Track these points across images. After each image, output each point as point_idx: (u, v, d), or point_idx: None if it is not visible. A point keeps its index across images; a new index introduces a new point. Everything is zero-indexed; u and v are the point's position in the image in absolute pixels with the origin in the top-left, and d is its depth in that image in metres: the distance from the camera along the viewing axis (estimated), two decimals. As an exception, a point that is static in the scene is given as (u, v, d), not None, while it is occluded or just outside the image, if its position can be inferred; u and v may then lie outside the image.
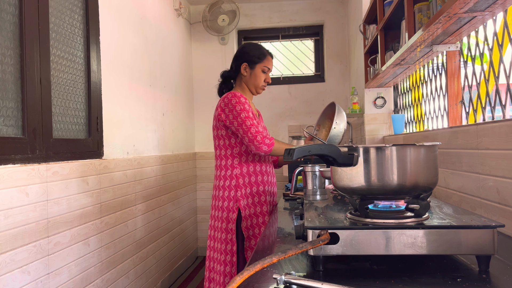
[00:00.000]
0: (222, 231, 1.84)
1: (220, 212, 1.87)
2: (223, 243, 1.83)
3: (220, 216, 1.87)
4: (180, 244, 3.76)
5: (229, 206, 1.84)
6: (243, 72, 1.95)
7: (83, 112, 2.20)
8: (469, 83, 1.86)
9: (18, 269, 1.63)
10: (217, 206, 1.89)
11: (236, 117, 1.80)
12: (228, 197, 1.86)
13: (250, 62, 1.94)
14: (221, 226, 1.86)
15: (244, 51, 1.97)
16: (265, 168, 1.93)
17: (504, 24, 1.43)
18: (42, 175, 1.78)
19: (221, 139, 1.89)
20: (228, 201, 1.85)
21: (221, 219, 1.86)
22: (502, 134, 1.20)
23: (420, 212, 0.86)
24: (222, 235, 1.84)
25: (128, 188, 2.65)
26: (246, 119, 1.79)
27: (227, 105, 1.82)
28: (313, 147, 0.89)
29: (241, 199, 1.84)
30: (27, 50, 1.74)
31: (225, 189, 1.87)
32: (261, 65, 1.95)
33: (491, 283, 0.74)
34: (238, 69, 1.97)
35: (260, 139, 1.77)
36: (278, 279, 0.72)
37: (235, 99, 1.82)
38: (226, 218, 1.84)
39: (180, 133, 3.90)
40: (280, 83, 4.35)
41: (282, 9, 4.33)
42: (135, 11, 2.90)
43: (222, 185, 1.88)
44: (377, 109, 3.17)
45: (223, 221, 1.85)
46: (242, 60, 1.95)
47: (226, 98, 1.84)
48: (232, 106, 1.81)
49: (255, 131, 1.78)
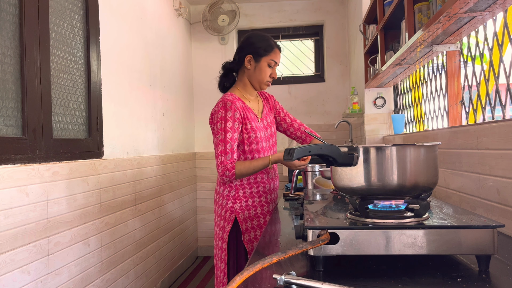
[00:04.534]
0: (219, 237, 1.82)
1: (218, 219, 1.83)
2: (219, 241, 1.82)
3: (217, 223, 1.83)
4: (180, 244, 3.76)
5: (226, 216, 1.78)
6: (246, 65, 1.78)
7: (83, 112, 2.20)
8: (469, 83, 1.86)
9: (18, 269, 1.63)
10: (216, 212, 1.85)
11: (214, 135, 1.73)
12: (225, 206, 1.78)
13: (255, 54, 1.76)
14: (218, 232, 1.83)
15: (249, 41, 1.78)
16: None
17: (504, 24, 1.43)
18: (42, 175, 1.78)
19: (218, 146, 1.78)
20: (225, 211, 1.78)
21: (218, 225, 1.82)
22: (502, 134, 1.20)
23: (420, 212, 0.86)
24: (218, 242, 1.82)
25: (128, 188, 2.65)
26: (219, 142, 1.68)
27: (212, 116, 1.74)
28: (313, 147, 0.89)
29: (240, 212, 1.76)
30: (27, 50, 1.74)
31: (224, 198, 1.79)
32: (267, 58, 1.76)
33: (491, 283, 0.74)
34: (242, 61, 1.79)
35: (221, 164, 1.67)
36: (278, 279, 0.72)
37: (221, 112, 1.69)
38: (222, 227, 1.79)
39: (180, 133, 3.90)
40: (280, 83, 4.35)
41: (282, 9, 4.33)
42: (135, 11, 2.90)
43: (221, 193, 1.80)
44: (377, 109, 3.17)
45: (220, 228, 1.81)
46: (246, 52, 1.77)
47: (216, 106, 1.73)
48: (215, 120, 1.71)
49: (221, 158, 1.67)
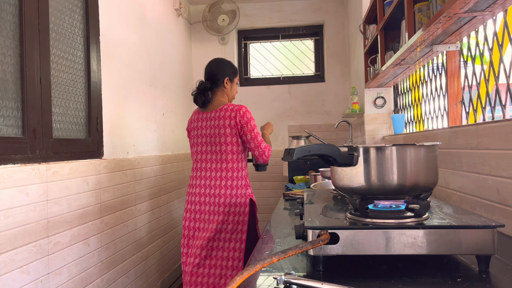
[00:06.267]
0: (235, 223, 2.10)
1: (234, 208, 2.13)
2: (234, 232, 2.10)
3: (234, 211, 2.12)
4: (180, 244, 3.76)
5: (244, 202, 2.13)
6: (226, 85, 2.23)
7: (83, 112, 2.20)
8: (469, 83, 1.86)
9: (18, 269, 1.63)
10: (232, 203, 2.12)
11: (252, 128, 2.10)
12: (242, 194, 2.13)
13: (230, 76, 2.25)
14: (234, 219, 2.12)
15: (225, 66, 2.26)
16: None
17: (504, 24, 1.43)
18: (42, 175, 1.78)
19: (234, 145, 2.11)
20: (241, 198, 2.12)
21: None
22: (502, 134, 1.20)
23: (420, 212, 0.86)
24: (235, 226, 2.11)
25: (128, 188, 2.65)
26: (258, 133, 2.13)
27: (245, 114, 2.10)
28: (313, 147, 0.89)
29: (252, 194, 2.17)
30: (27, 50, 1.74)
31: (239, 188, 2.13)
32: (236, 79, 2.30)
33: (491, 283, 0.74)
34: (220, 82, 2.22)
35: (265, 148, 2.12)
36: (278, 279, 0.72)
37: (250, 113, 2.12)
38: (243, 212, 2.11)
39: (180, 133, 3.90)
40: (280, 83, 4.35)
41: (282, 9, 4.33)
42: (135, 11, 2.90)
43: (236, 185, 2.12)
44: (377, 109, 3.17)
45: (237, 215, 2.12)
46: (225, 75, 2.23)
47: (241, 111, 2.09)
48: (249, 117, 2.11)
49: (263, 144, 2.12)
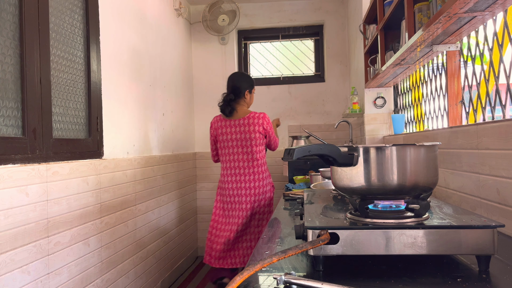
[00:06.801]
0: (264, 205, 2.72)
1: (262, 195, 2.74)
2: (263, 213, 2.72)
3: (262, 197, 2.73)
4: (180, 244, 3.76)
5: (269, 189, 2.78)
6: (246, 96, 2.74)
7: (83, 112, 2.20)
8: (469, 83, 1.86)
9: (18, 269, 1.63)
10: (259, 192, 2.71)
11: (273, 132, 2.74)
12: (267, 183, 2.77)
13: (249, 89, 2.75)
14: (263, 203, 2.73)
15: (245, 80, 2.75)
16: None
17: (504, 24, 1.43)
18: (42, 175, 1.78)
19: (260, 146, 2.69)
20: (266, 186, 2.76)
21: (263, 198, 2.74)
22: (502, 134, 1.20)
23: (420, 212, 0.86)
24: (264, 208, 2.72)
25: (128, 188, 2.65)
26: (273, 133, 2.76)
27: (268, 123, 2.69)
28: (313, 147, 0.89)
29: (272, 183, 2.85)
30: (27, 50, 1.74)
31: (265, 179, 2.75)
32: (253, 90, 2.81)
33: (491, 283, 0.74)
34: (242, 94, 2.71)
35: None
36: (278, 279, 0.72)
37: (269, 119, 2.71)
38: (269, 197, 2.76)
39: (180, 133, 3.90)
40: (280, 83, 4.35)
41: (282, 9, 4.33)
42: (135, 11, 2.90)
43: (262, 177, 2.71)
44: (377, 109, 3.17)
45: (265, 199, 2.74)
46: (245, 88, 2.73)
47: (266, 118, 2.68)
48: (269, 121, 2.71)
49: (276, 138, 2.81)
